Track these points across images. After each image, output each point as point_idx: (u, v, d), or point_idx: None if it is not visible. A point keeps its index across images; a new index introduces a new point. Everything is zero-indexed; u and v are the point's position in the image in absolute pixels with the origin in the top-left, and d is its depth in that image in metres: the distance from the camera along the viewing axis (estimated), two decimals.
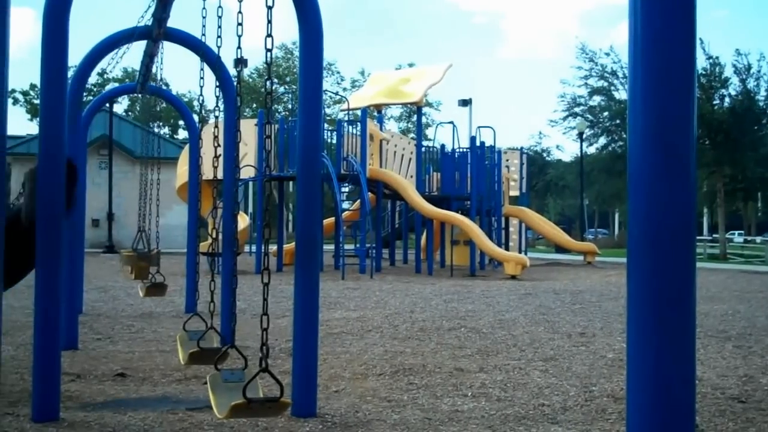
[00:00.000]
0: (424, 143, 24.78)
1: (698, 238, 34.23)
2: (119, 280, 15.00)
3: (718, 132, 31.70)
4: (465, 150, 22.48)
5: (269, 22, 3.94)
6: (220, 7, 4.99)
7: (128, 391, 5.76)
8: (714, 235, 39.45)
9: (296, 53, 51.86)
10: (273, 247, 20.12)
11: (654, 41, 2.59)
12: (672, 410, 2.59)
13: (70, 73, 6.20)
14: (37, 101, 49.62)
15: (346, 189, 23.29)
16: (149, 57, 7.97)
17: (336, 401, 5.40)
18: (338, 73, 57.66)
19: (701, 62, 32.00)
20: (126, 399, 5.46)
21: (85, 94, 8.77)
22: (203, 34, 5.85)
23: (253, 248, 21.58)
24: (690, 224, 2.61)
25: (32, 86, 55.50)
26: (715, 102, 32.92)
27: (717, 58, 32.94)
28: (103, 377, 6.21)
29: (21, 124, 74.58)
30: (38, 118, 5.05)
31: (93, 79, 51.99)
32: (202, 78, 5.87)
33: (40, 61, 4.94)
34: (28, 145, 33.18)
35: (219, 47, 5.30)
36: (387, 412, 5.12)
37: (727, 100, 33.38)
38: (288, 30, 55.81)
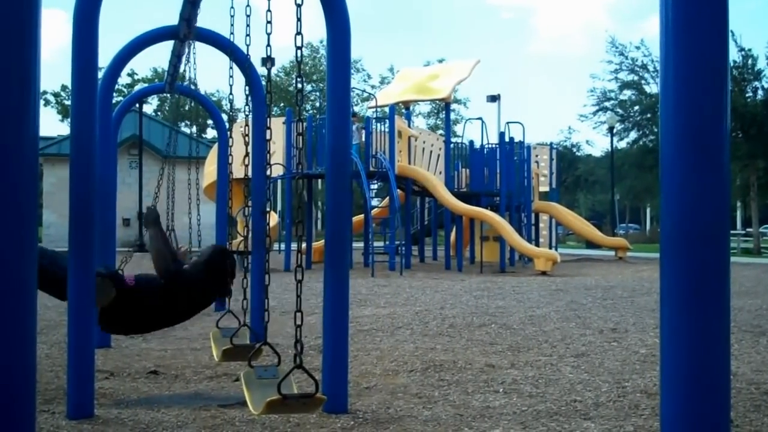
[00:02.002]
0: (453, 139, 24.73)
1: (732, 232, 33.87)
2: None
3: (752, 125, 31.35)
4: (494, 146, 22.39)
5: (299, 19, 3.95)
6: (248, 6, 5.01)
7: (161, 388, 5.80)
8: (747, 229, 39.00)
9: (322, 51, 52.01)
10: (302, 245, 20.16)
11: (686, 33, 2.56)
12: (707, 406, 2.56)
13: (100, 74, 6.26)
14: (68, 102, 50.17)
15: (375, 186, 23.30)
16: (177, 57, 8.01)
17: (367, 397, 5.40)
18: (364, 70, 57.74)
19: (733, 54, 31.66)
20: (159, 396, 5.51)
21: (114, 94, 8.84)
22: (231, 33, 5.88)
23: (282, 246, 21.67)
24: (724, 218, 2.58)
25: (63, 87, 56.13)
26: (747, 94, 32.57)
27: (749, 50, 32.63)
28: (137, 375, 6.26)
29: (52, 125, 75.43)
30: (69, 119, 5.09)
31: (123, 79, 52.48)
32: (231, 77, 5.90)
33: (70, 63, 4.98)
34: (59, 146, 33.55)
35: (248, 46, 5.33)
36: (418, 408, 5.12)
37: (760, 92, 33.04)
38: (313, 28, 56.00)
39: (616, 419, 4.83)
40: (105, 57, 6.30)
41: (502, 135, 22.16)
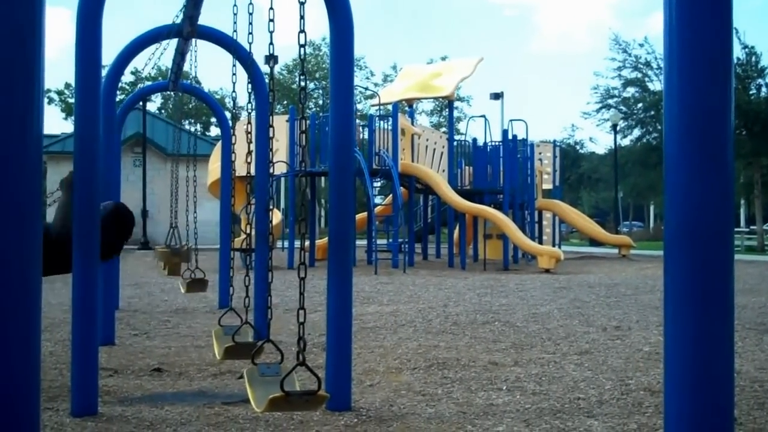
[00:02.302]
0: (456, 137, 24.73)
1: (735, 230, 33.80)
2: (154, 276, 15.13)
3: (755, 122, 31.32)
4: (497, 143, 22.39)
5: (302, 17, 3.95)
6: (251, 3, 5.00)
7: (165, 385, 5.81)
8: (751, 227, 38.97)
9: (324, 49, 52.06)
10: (305, 243, 20.19)
11: (690, 31, 2.56)
12: (710, 403, 2.56)
13: (104, 72, 6.26)
14: (71, 100, 50.22)
15: (379, 184, 23.30)
16: (180, 55, 8.01)
17: (370, 395, 5.41)
18: (367, 67, 57.72)
19: (737, 52, 31.64)
20: (163, 393, 5.51)
21: (118, 92, 8.85)
22: (234, 31, 5.88)
23: (286, 244, 21.68)
24: (728, 216, 2.58)
25: (67, 85, 56.15)
26: (751, 92, 32.53)
27: (753, 47, 32.58)
28: (140, 372, 6.27)
29: (56, 123, 75.46)
30: (73, 117, 5.10)
31: (126, 78, 52.50)
32: (234, 75, 5.90)
33: (74, 61, 4.99)
34: (63, 144, 33.55)
35: (251, 44, 5.32)
36: (421, 405, 5.12)
37: (764, 89, 33.02)
38: (315, 26, 55.96)
39: (620, 417, 4.83)
40: (108, 55, 6.31)
41: (505, 132, 22.16)
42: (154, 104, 54.14)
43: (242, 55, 6.55)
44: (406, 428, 4.55)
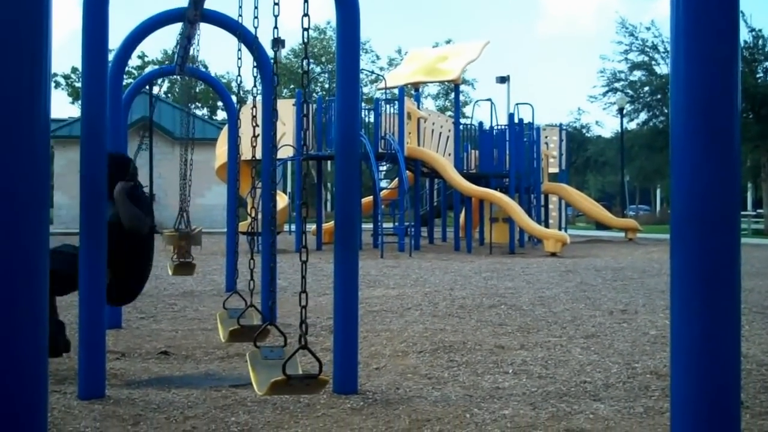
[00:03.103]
0: (462, 121, 24.67)
1: (742, 213, 33.73)
2: (161, 259, 15.15)
3: (762, 105, 31.15)
4: (503, 127, 22.34)
5: (305, 1, 3.94)
6: None
7: (172, 368, 5.84)
8: (758, 210, 38.85)
9: (330, 33, 51.82)
10: (312, 226, 20.21)
11: (696, 14, 2.55)
12: (717, 387, 2.57)
13: (111, 57, 6.26)
14: (78, 84, 50.17)
15: (384, 168, 23.28)
16: (187, 39, 8.00)
17: (377, 378, 5.43)
18: (373, 51, 57.52)
19: (744, 35, 31.44)
20: (170, 376, 5.54)
21: (125, 76, 8.84)
22: (240, 15, 5.87)
23: (293, 227, 21.71)
24: (734, 200, 2.58)
25: (74, 70, 56.07)
26: (758, 75, 32.34)
27: (760, 30, 32.36)
28: (147, 355, 6.30)
29: (63, 107, 75.40)
30: (80, 102, 5.10)
31: (133, 62, 52.46)
32: (239, 59, 5.88)
33: (81, 45, 4.98)
34: (70, 128, 33.56)
35: (256, 28, 5.31)
36: (428, 389, 5.14)
37: None
38: (321, 10, 55.78)
39: (626, 400, 4.84)
40: (115, 39, 6.30)
41: (511, 116, 22.09)
42: (160, 88, 54.07)
43: (247, 39, 6.54)
44: (412, 411, 4.56)
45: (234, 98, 12.21)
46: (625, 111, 37.73)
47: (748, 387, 5.06)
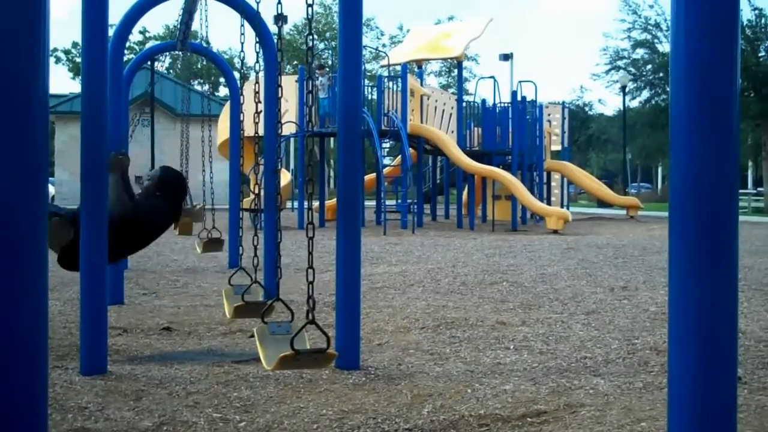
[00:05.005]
0: (465, 98, 24.60)
1: (743, 191, 33.72)
2: (163, 235, 15.18)
3: (764, 84, 31.06)
4: (506, 105, 22.29)
5: None
6: None
7: (174, 344, 5.87)
8: (759, 189, 38.81)
9: (334, 9, 51.61)
10: (315, 203, 20.18)
11: None
12: (715, 362, 2.59)
13: (111, 31, 6.24)
14: (79, 60, 50.02)
15: (387, 145, 23.25)
16: (188, 14, 7.98)
17: (379, 354, 5.46)
18: (377, 28, 57.28)
19: (746, 14, 31.30)
20: (172, 352, 5.57)
21: (126, 52, 8.81)
22: None
23: (296, 204, 21.71)
24: (732, 176, 2.58)
25: (74, 45, 55.85)
26: (760, 54, 32.21)
27: (762, 9, 32.21)
28: (150, 331, 6.33)
29: (64, 82, 75.16)
30: (80, 77, 5.08)
31: (134, 37, 52.28)
32: (242, 35, 5.87)
33: (81, 20, 4.97)
34: (71, 104, 33.51)
35: (258, 3, 5.29)
36: (430, 364, 5.16)
37: None
38: None
39: (626, 376, 4.87)
40: (116, 14, 6.28)
41: (514, 94, 22.04)
42: (162, 64, 53.93)
43: (250, 15, 6.51)
44: (414, 387, 4.59)
45: (237, 74, 12.18)
46: (627, 89, 37.62)
47: (746, 363, 5.09)
